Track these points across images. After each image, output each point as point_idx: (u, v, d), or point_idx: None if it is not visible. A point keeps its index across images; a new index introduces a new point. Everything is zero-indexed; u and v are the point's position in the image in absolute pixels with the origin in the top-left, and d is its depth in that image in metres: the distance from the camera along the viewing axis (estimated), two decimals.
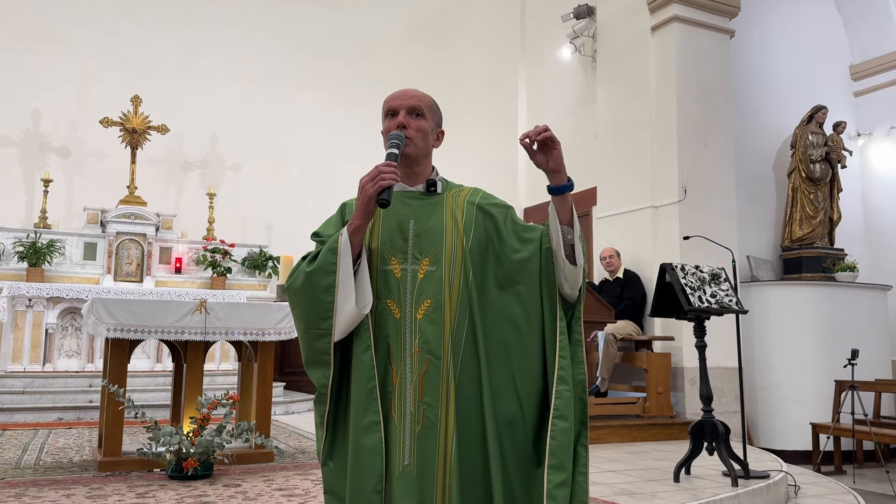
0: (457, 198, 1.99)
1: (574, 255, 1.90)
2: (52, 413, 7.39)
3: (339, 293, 1.80)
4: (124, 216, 9.63)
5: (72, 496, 3.77)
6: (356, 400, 1.81)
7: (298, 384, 10.32)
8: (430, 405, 1.80)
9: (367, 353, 1.82)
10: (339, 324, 1.81)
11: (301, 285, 1.85)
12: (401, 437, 1.79)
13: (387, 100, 2.04)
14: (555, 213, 1.92)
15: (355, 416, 1.80)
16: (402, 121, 1.97)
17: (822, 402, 7.43)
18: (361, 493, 1.76)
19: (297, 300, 1.87)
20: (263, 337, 5.05)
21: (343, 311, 1.80)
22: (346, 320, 1.81)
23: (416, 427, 1.79)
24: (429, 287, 1.86)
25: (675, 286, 4.76)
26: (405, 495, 1.76)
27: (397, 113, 2.00)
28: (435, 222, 1.93)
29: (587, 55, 8.89)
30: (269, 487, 4.09)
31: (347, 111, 11.66)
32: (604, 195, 8.22)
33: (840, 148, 8.51)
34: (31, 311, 8.49)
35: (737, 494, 4.15)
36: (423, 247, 1.90)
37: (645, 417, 6.61)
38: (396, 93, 2.05)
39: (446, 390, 1.81)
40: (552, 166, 1.90)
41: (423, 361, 1.82)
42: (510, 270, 1.93)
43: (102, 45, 10.88)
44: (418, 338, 1.83)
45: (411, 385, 1.81)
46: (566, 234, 1.91)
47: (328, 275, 1.81)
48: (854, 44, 9.52)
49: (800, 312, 7.67)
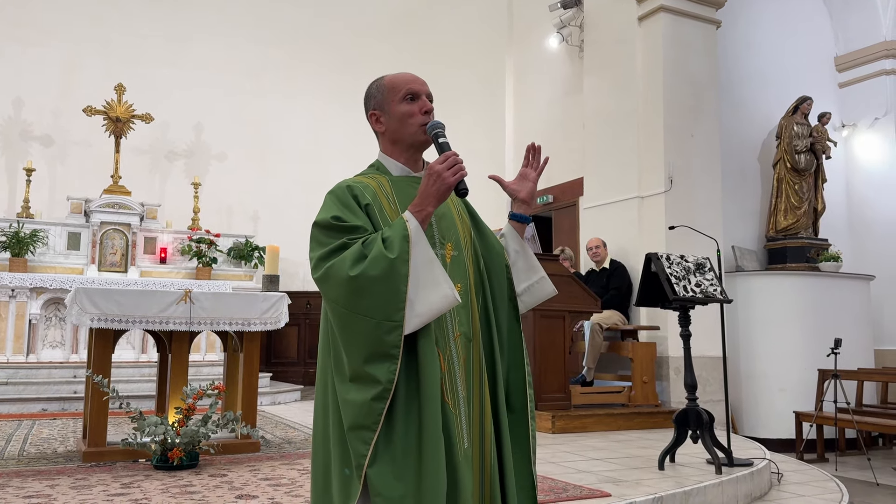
0: None
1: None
2: (37, 404, 7.34)
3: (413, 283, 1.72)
4: (108, 206, 9.55)
5: (56, 487, 3.75)
6: (429, 391, 1.74)
7: (285, 374, 10.31)
8: (471, 387, 1.85)
9: (432, 343, 1.78)
10: (420, 315, 1.72)
11: (381, 273, 1.71)
12: (458, 422, 1.79)
13: (402, 80, 1.98)
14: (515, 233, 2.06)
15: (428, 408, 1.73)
16: (430, 107, 1.96)
17: (805, 390, 7.51)
18: (438, 486, 1.69)
19: (373, 289, 1.72)
20: (249, 327, 5.03)
21: (427, 301, 1.72)
22: (434, 310, 1.73)
23: (467, 409, 1.82)
24: (456, 271, 1.90)
25: (661, 276, 4.78)
26: (468, 478, 1.76)
27: (418, 97, 1.95)
28: (446, 209, 1.96)
29: (574, 45, 8.89)
30: (256, 477, 4.09)
31: (333, 100, 11.60)
32: (590, 185, 8.23)
33: (825, 139, 8.56)
34: (14, 301, 8.42)
35: (721, 482, 4.19)
36: (444, 232, 1.92)
37: (630, 406, 6.65)
38: (409, 75, 1.99)
39: (479, 371, 1.87)
40: (525, 197, 2.03)
41: (463, 345, 1.85)
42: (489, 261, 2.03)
43: (85, 32, 10.75)
44: (457, 322, 1.86)
45: (459, 369, 1.83)
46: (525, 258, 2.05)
47: (405, 263, 1.72)
48: (839, 35, 9.56)
49: (784, 302, 7.74)
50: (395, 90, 1.96)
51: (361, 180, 1.95)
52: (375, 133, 2.03)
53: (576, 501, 3.56)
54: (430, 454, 1.70)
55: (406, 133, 1.95)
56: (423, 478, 1.70)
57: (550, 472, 4.29)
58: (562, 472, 4.32)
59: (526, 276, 2.05)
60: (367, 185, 1.93)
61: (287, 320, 5.24)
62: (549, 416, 6.01)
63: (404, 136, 1.95)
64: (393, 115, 1.95)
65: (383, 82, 2.00)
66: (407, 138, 1.95)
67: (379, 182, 1.94)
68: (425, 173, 1.80)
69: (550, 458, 4.82)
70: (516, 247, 2.04)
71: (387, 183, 1.95)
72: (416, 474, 1.71)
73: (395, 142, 1.98)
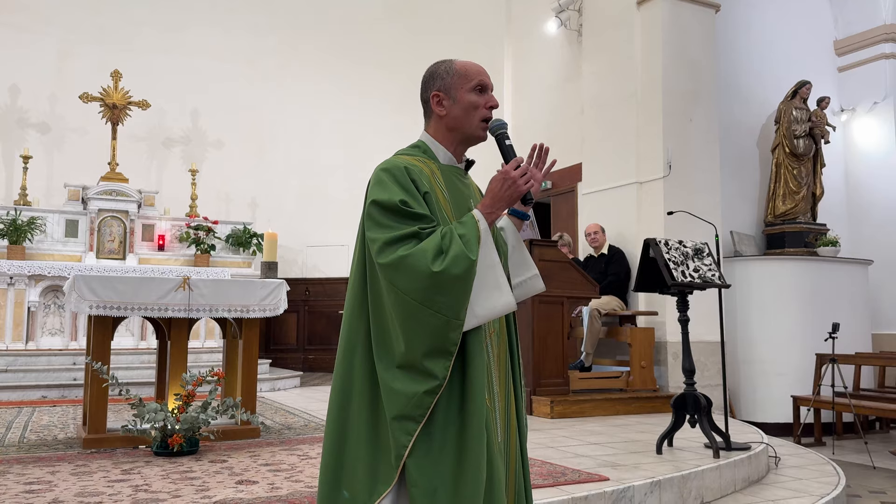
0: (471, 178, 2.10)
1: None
2: (36, 391, 7.36)
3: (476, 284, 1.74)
4: (106, 193, 9.52)
5: (56, 473, 3.76)
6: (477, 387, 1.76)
7: (284, 361, 10.35)
8: (502, 382, 1.89)
9: (483, 341, 1.81)
10: (479, 316, 1.75)
11: (462, 273, 1.70)
12: (494, 416, 1.83)
13: (476, 70, 1.95)
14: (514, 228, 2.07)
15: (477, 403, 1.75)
16: (497, 103, 1.95)
17: (802, 375, 7.53)
18: (478, 480, 1.71)
19: (452, 287, 1.71)
20: (248, 314, 5.03)
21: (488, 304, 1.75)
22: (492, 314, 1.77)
23: (502, 403, 1.86)
24: None
25: (659, 261, 4.78)
26: (502, 470, 1.81)
27: (486, 90, 1.94)
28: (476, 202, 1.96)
29: (573, 29, 8.84)
30: (256, 463, 4.10)
31: (331, 86, 11.56)
32: (589, 171, 8.22)
33: (824, 123, 8.54)
34: (12, 289, 8.42)
35: (718, 466, 4.21)
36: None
37: (628, 391, 6.67)
38: (481, 67, 1.97)
39: (507, 366, 1.92)
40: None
41: (497, 342, 1.89)
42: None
43: (81, 18, 10.68)
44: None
45: (495, 365, 1.86)
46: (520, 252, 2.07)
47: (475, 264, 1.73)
48: (839, 18, 9.52)
49: (782, 287, 7.75)
50: (467, 78, 1.93)
51: (414, 162, 1.90)
52: (428, 114, 1.99)
53: (574, 485, 3.58)
54: (473, 449, 1.72)
55: (468, 124, 1.93)
56: (464, 471, 1.71)
57: (549, 457, 4.31)
58: (560, 457, 4.34)
59: (519, 271, 2.06)
60: (421, 169, 1.88)
61: (286, 307, 5.24)
62: (547, 401, 6.03)
63: (464, 126, 1.93)
64: (459, 102, 1.92)
65: (454, 66, 1.95)
66: (467, 129, 1.93)
67: (431, 169, 1.92)
68: (498, 176, 1.80)
69: (549, 443, 4.84)
70: (513, 242, 2.05)
71: (437, 169, 1.93)
72: (454, 467, 1.72)
73: (453, 129, 1.95)
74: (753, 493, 4.30)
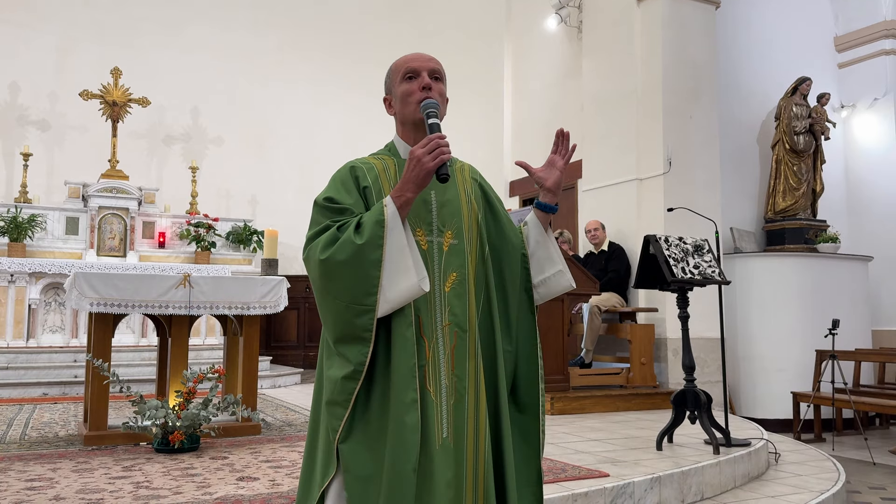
0: (462, 172, 2.02)
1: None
2: (37, 388, 7.37)
3: (388, 269, 1.73)
4: (106, 190, 9.52)
5: (58, 470, 3.77)
6: (399, 376, 1.74)
7: (284, 358, 10.35)
8: (460, 378, 1.81)
9: (410, 330, 1.77)
10: (390, 301, 1.73)
11: (348, 258, 1.73)
12: (438, 411, 1.78)
13: (403, 60, 1.96)
14: (538, 223, 2.01)
15: (397, 392, 1.74)
16: (429, 82, 1.90)
17: (802, 371, 7.54)
18: (402, 472, 1.70)
19: (340, 273, 1.74)
20: (248, 311, 5.04)
21: (397, 288, 1.73)
22: (402, 297, 1.73)
23: (451, 400, 1.80)
24: (454, 260, 1.87)
25: (659, 258, 4.78)
26: (445, 468, 1.74)
27: (417, 75, 1.92)
28: (452, 195, 1.93)
29: (573, 26, 8.84)
30: (257, 459, 4.11)
31: (331, 83, 11.55)
32: (589, 168, 8.22)
33: (824, 119, 8.54)
34: (13, 286, 8.42)
35: (718, 462, 4.21)
36: (445, 219, 1.89)
37: (628, 387, 6.68)
38: (413, 54, 1.97)
39: (474, 362, 1.84)
40: (551, 186, 1.98)
41: (452, 335, 1.83)
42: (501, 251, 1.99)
43: (81, 15, 10.67)
44: (448, 311, 1.83)
45: (444, 358, 1.81)
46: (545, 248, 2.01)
47: (377, 248, 1.72)
48: (839, 15, 9.51)
49: (782, 283, 7.75)
50: (398, 71, 1.95)
51: (368, 160, 1.94)
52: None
53: (574, 481, 3.58)
54: (392, 439, 1.72)
55: (408, 112, 1.92)
56: (390, 462, 1.72)
57: (549, 453, 4.32)
58: (561, 453, 4.35)
59: (543, 267, 2.01)
60: (371, 165, 1.92)
61: (286, 304, 5.24)
62: (547, 397, 6.04)
63: (407, 116, 1.93)
64: (398, 97, 1.94)
65: (391, 66, 1.99)
66: (409, 117, 1.93)
67: (385, 164, 1.93)
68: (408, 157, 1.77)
69: (549, 440, 4.85)
70: (537, 236, 2.01)
71: (393, 165, 1.93)
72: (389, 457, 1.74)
73: (404, 123, 1.96)
74: (753, 489, 4.30)
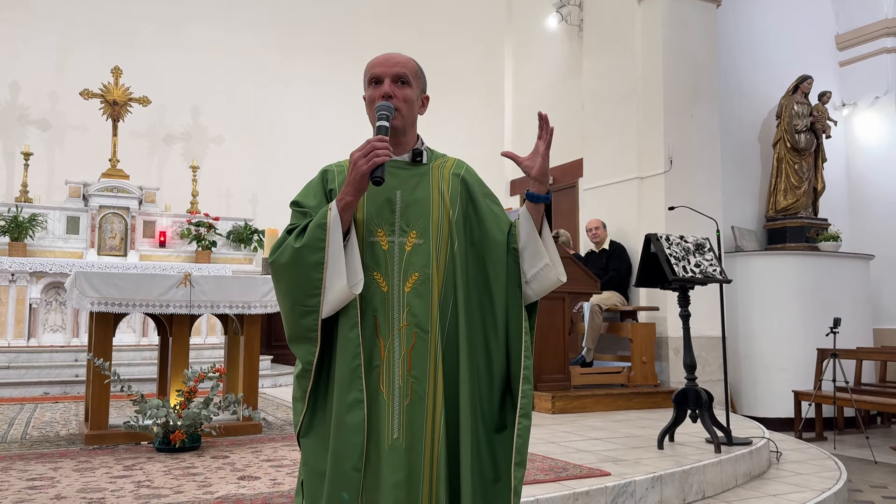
0: (442, 168, 1.96)
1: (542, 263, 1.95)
2: (38, 388, 7.37)
3: (329, 271, 1.74)
4: (107, 189, 9.52)
5: (59, 469, 3.77)
6: (340, 377, 1.76)
7: (286, 357, 10.34)
8: (418, 379, 1.78)
9: (354, 331, 1.77)
10: (328, 302, 1.75)
11: (288, 261, 1.78)
12: (389, 412, 1.76)
13: (369, 65, 1.96)
14: (529, 216, 1.93)
15: (339, 393, 1.76)
16: (388, 90, 1.89)
17: (804, 370, 7.54)
18: (342, 471, 1.72)
19: (284, 276, 1.81)
20: (249, 310, 5.03)
21: (333, 289, 1.75)
22: (336, 299, 1.76)
23: (405, 401, 1.77)
24: (417, 260, 1.84)
25: (660, 256, 4.78)
26: (394, 468, 1.73)
27: (381, 81, 1.91)
28: (422, 194, 1.89)
29: (574, 24, 8.83)
30: (258, 458, 4.11)
31: (331, 82, 11.54)
32: (590, 166, 8.21)
33: (825, 118, 8.53)
34: (14, 285, 8.42)
35: (720, 461, 4.21)
36: (410, 219, 1.86)
37: (630, 386, 6.67)
38: (379, 58, 1.96)
39: (434, 364, 1.80)
40: (536, 174, 1.91)
41: (410, 335, 1.80)
42: (483, 248, 1.94)
43: (81, 15, 10.67)
44: (406, 311, 1.81)
45: (400, 359, 1.79)
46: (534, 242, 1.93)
47: (317, 251, 1.75)
48: (840, 13, 9.50)
49: (783, 282, 7.75)
50: (365, 75, 1.96)
51: (342, 163, 1.96)
52: None
53: (576, 480, 3.58)
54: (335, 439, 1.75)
55: (371, 117, 1.91)
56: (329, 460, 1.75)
57: (550, 452, 4.32)
58: (562, 452, 4.35)
59: (533, 261, 1.94)
60: (343, 168, 1.93)
61: None
62: (548, 396, 6.04)
63: (372, 120, 1.91)
64: (366, 102, 1.96)
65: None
66: (373, 121, 1.90)
67: None
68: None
69: (550, 438, 4.85)
70: (528, 229, 1.93)
71: None
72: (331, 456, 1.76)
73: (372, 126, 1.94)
74: (755, 487, 4.30)
